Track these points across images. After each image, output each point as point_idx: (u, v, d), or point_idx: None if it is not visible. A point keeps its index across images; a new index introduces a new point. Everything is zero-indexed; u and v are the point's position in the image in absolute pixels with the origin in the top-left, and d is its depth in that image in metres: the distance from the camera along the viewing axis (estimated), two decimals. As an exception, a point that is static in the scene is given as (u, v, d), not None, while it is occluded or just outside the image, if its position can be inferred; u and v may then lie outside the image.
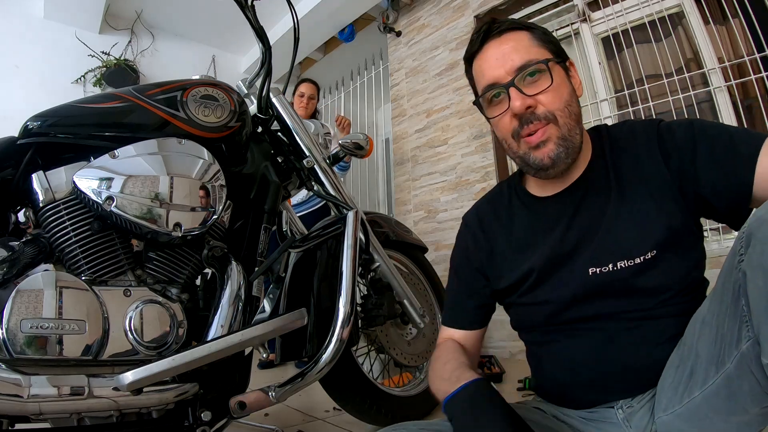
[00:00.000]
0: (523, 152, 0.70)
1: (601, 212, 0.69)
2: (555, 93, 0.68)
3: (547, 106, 0.67)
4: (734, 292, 0.50)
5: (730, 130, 0.65)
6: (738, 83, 1.86)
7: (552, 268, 0.72)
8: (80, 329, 0.75)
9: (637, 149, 0.70)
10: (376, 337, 1.34)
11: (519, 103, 0.67)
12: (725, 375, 0.52)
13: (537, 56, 0.68)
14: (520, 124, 0.68)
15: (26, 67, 2.83)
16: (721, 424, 0.56)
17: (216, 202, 0.90)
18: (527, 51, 0.69)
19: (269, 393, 0.90)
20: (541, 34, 0.72)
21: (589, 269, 0.68)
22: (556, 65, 0.69)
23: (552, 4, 2.44)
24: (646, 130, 0.71)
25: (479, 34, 0.73)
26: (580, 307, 0.69)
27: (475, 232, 0.84)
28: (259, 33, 1.08)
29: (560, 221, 0.73)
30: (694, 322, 0.61)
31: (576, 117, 0.70)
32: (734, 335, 0.50)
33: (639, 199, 0.67)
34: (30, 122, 0.84)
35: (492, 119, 0.73)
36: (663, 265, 0.65)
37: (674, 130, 0.68)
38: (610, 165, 0.71)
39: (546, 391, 0.79)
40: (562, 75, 0.70)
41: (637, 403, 0.68)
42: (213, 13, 3.22)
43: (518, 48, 0.69)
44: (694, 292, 0.68)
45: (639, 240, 0.65)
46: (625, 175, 0.70)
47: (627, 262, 0.65)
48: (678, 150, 0.66)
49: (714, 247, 1.81)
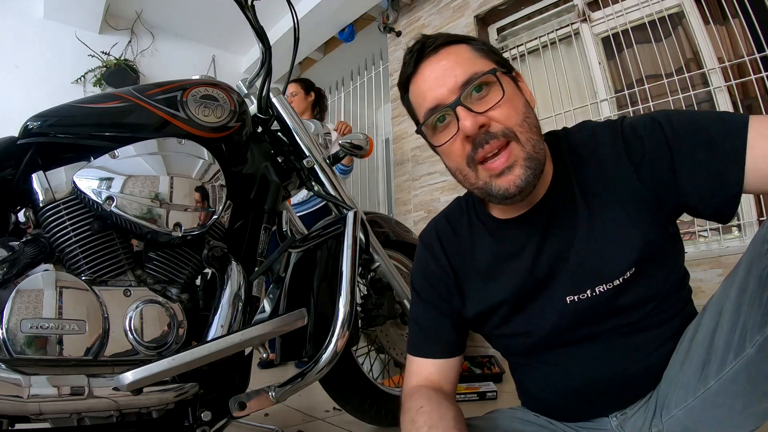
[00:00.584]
0: (483, 182, 0.61)
1: (572, 234, 0.63)
2: (509, 106, 0.60)
3: (504, 122, 0.59)
4: (762, 279, 0.50)
5: (703, 124, 0.58)
6: (738, 83, 1.86)
7: (526, 297, 0.67)
8: (80, 329, 0.75)
9: (601, 157, 0.63)
10: (376, 337, 1.34)
11: (470, 122, 0.58)
12: (745, 360, 0.51)
13: (482, 68, 0.61)
14: (474, 148, 0.60)
15: (26, 67, 2.82)
16: (736, 415, 0.55)
17: (216, 202, 0.90)
18: (470, 63, 0.61)
19: (269, 393, 0.90)
20: (480, 44, 0.65)
21: (566, 297, 0.63)
22: (504, 75, 0.62)
23: (552, 4, 2.44)
24: (610, 135, 0.64)
25: (412, 53, 0.64)
26: (563, 335, 0.66)
27: (435, 252, 0.76)
28: (259, 33, 1.08)
29: (527, 247, 0.66)
30: (707, 314, 0.60)
31: (537, 129, 0.62)
32: (758, 321, 0.49)
33: (610, 215, 0.62)
34: (30, 122, 0.84)
35: (440, 147, 0.64)
36: (642, 279, 0.62)
37: (640, 133, 0.61)
38: (574, 178, 0.65)
39: (533, 408, 0.76)
40: (512, 86, 0.63)
41: (631, 410, 0.67)
42: (213, 13, 3.21)
43: (459, 61, 0.61)
44: (678, 292, 0.66)
45: (616, 261, 0.61)
46: (592, 187, 0.63)
47: (606, 285, 0.61)
48: (650, 158, 0.60)
49: (714, 247, 1.81)
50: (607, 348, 0.64)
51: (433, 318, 0.76)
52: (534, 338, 0.68)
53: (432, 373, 0.73)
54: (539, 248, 0.66)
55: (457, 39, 0.64)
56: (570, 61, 2.35)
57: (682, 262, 0.68)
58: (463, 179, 0.64)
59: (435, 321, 0.75)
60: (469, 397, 1.54)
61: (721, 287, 0.59)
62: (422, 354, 0.75)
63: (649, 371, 0.65)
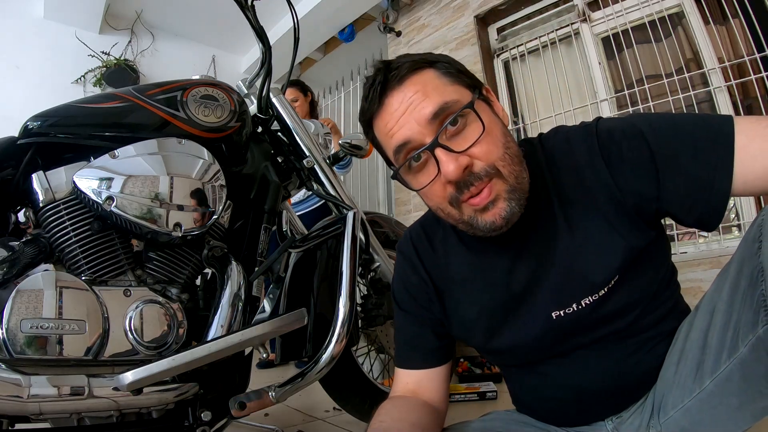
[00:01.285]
0: (468, 217, 0.58)
1: (551, 247, 0.61)
2: (489, 140, 0.56)
3: (486, 160, 0.55)
4: (753, 278, 0.50)
5: (686, 128, 0.55)
6: (738, 83, 1.86)
7: (505, 312, 0.65)
8: (80, 329, 0.75)
9: (577, 165, 0.60)
10: (376, 337, 1.34)
11: (453, 167, 0.54)
12: (739, 359, 0.51)
13: (453, 96, 0.57)
14: (458, 189, 0.56)
15: (26, 67, 2.83)
16: (732, 413, 0.55)
17: (216, 202, 0.90)
18: (439, 92, 0.57)
19: (269, 393, 0.90)
20: (446, 66, 0.60)
21: (552, 313, 0.62)
22: (479, 102, 0.57)
23: (552, 4, 2.44)
24: (585, 140, 0.61)
25: (374, 87, 0.59)
26: (552, 348, 0.65)
27: (413, 262, 0.74)
28: (259, 33, 1.08)
29: (503, 261, 0.64)
30: (700, 313, 0.59)
31: (518, 158, 0.58)
32: (750, 320, 0.49)
33: (590, 223, 0.60)
34: (30, 122, 0.84)
35: (420, 191, 0.61)
36: (628, 284, 0.60)
37: (617, 138, 0.58)
38: (552, 187, 0.62)
39: (528, 414, 0.75)
40: (488, 112, 0.58)
41: (626, 413, 0.67)
42: (213, 13, 3.22)
43: (427, 91, 0.56)
44: (667, 290, 0.65)
45: (600, 271, 0.59)
46: (570, 195, 0.61)
47: (591, 297, 0.60)
48: (630, 164, 0.57)
49: (714, 247, 1.81)
50: (600, 355, 0.64)
51: (415, 328, 0.74)
52: (521, 353, 0.67)
53: (410, 383, 0.72)
54: (515, 262, 0.64)
55: (422, 64, 0.59)
56: (570, 61, 2.35)
57: (669, 259, 0.66)
58: (446, 216, 0.62)
59: (416, 331, 0.74)
60: (469, 397, 1.54)
61: (714, 285, 0.59)
62: (405, 365, 0.74)
63: (643, 374, 0.64)
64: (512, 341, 0.66)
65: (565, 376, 0.66)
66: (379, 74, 0.59)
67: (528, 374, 0.71)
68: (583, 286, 0.60)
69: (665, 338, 0.64)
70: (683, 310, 0.67)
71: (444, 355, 0.74)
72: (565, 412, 0.69)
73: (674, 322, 0.64)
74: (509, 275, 0.64)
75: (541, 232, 0.62)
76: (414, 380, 0.72)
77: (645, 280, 0.61)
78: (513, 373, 0.76)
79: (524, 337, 0.65)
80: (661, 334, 0.64)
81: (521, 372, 0.73)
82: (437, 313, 0.73)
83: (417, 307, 0.74)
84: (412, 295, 0.74)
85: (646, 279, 0.61)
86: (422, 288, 0.73)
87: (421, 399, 0.70)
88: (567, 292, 0.61)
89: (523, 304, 0.64)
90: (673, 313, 0.65)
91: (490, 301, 0.66)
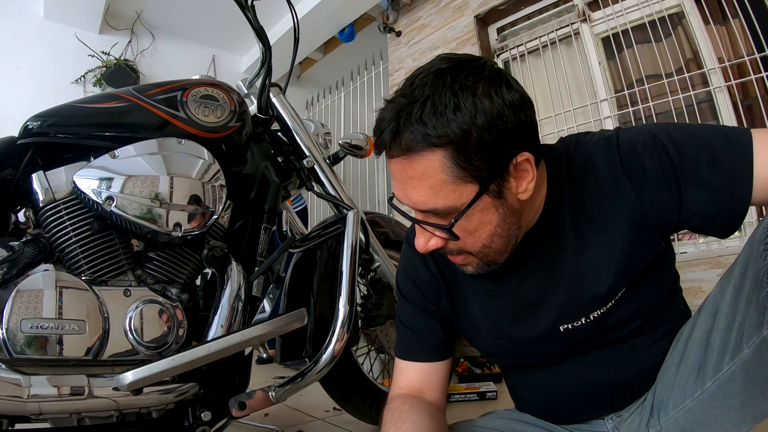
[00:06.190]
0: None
1: (561, 260, 0.61)
2: (471, 237, 0.56)
3: (460, 247, 0.57)
4: (758, 280, 0.49)
5: (706, 140, 0.55)
6: (738, 83, 1.86)
7: (512, 322, 0.66)
8: (80, 329, 0.75)
9: (598, 178, 0.60)
10: (376, 337, 1.34)
11: (422, 242, 0.57)
12: (742, 361, 0.51)
13: (447, 202, 0.52)
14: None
15: (26, 67, 2.82)
16: (734, 414, 0.55)
17: (216, 202, 0.90)
18: (434, 192, 0.52)
19: (269, 393, 0.90)
20: (463, 145, 0.49)
21: (559, 327, 0.63)
22: (480, 201, 0.53)
23: (552, 4, 2.44)
24: (606, 153, 0.60)
25: (383, 135, 0.53)
26: (554, 355, 0.67)
27: (425, 257, 0.72)
28: (259, 33, 1.08)
29: (512, 272, 0.64)
30: (702, 315, 0.60)
31: (506, 238, 0.57)
32: (754, 322, 0.49)
33: (603, 239, 0.59)
34: (30, 122, 0.84)
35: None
36: (634, 294, 0.61)
37: (640, 151, 0.57)
38: (568, 201, 0.61)
39: (527, 412, 0.76)
40: (487, 205, 0.54)
41: (626, 412, 0.67)
42: (213, 13, 3.21)
43: (422, 187, 0.52)
44: (671, 297, 0.66)
45: (608, 285, 0.59)
46: (587, 210, 0.60)
47: (599, 311, 0.61)
48: (653, 178, 0.57)
49: (714, 247, 1.81)
50: (600, 354, 0.65)
51: (421, 320, 0.74)
52: (524, 357, 0.69)
53: (415, 379, 0.71)
54: (525, 274, 0.64)
55: (434, 141, 0.49)
56: (570, 61, 2.35)
57: (673, 266, 0.68)
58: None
59: (423, 323, 0.73)
60: (469, 397, 1.54)
61: (717, 288, 0.59)
62: (408, 357, 0.73)
63: (643, 373, 0.65)
64: (516, 348, 0.68)
65: (564, 373, 0.67)
66: (391, 123, 0.52)
67: (528, 372, 0.72)
68: (591, 301, 0.61)
69: (664, 337, 0.64)
70: (684, 312, 0.68)
71: (448, 349, 0.74)
72: (565, 407, 0.70)
73: (674, 323, 0.65)
74: (517, 287, 0.65)
75: (555, 245, 0.62)
76: (419, 375, 0.71)
77: (652, 288, 0.62)
78: (512, 371, 0.77)
79: (529, 346, 0.66)
80: (661, 334, 0.64)
81: (521, 370, 0.73)
82: (445, 308, 0.73)
83: (424, 300, 0.73)
84: (419, 288, 0.73)
85: (652, 288, 0.62)
86: (432, 283, 0.72)
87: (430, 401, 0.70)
88: (576, 307, 0.62)
89: (529, 315, 0.65)
90: (674, 316, 0.66)
91: (497, 309, 0.67)
